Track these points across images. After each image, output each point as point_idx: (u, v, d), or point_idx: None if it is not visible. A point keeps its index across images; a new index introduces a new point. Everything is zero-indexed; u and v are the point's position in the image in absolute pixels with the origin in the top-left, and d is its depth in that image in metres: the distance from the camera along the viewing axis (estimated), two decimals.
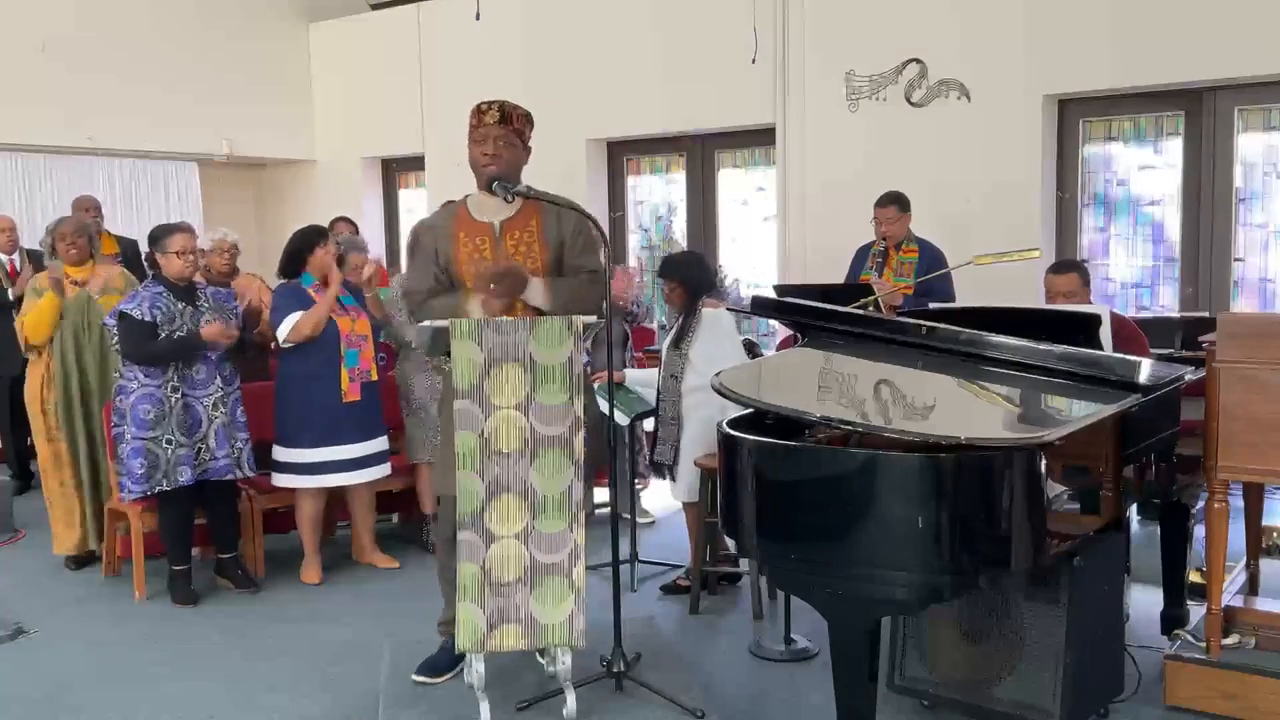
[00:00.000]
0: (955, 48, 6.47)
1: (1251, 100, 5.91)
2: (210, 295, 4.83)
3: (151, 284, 4.73)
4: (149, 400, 4.56)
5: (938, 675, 3.41)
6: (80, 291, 5.18)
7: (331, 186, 9.67)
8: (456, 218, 3.72)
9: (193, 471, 4.60)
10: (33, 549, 5.56)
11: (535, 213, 3.70)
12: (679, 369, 4.51)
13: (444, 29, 8.70)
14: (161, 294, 4.64)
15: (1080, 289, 4.20)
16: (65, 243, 5.21)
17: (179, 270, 4.66)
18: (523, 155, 3.69)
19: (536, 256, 3.66)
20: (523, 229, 3.68)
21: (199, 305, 4.71)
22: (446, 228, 3.71)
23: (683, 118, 7.60)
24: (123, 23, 8.48)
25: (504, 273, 3.52)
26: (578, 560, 3.47)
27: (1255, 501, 4.05)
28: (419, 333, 3.46)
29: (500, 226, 3.67)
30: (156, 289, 4.66)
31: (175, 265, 4.65)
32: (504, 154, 3.60)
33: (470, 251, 3.64)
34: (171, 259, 4.64)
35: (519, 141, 3.65)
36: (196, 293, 4.76)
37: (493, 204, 3.66)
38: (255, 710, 3.73)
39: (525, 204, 3.69)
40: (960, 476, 2.68)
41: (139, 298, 4.63)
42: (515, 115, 3.65)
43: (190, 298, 4.71)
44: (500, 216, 3.68)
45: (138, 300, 4.61)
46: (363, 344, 4.89)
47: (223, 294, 4.95)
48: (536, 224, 3.69)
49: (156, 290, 4.65)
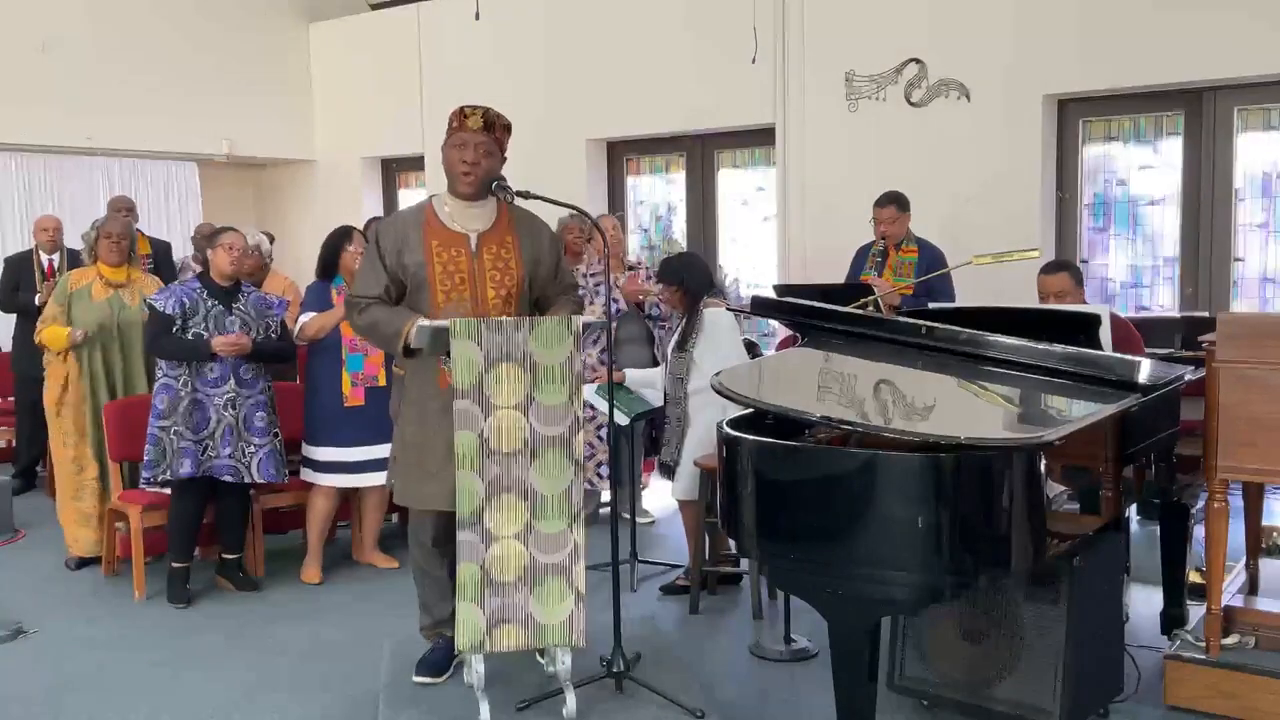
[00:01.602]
0: (955, 48, 6.47)
1: (1251, 100, 5.91)
2: (253, 301, 4.80)
3: (192, 279, 4.82)
4: (166, 390, 4.62)
5: (937, 675, 3.41)
6: (114, 294, 5.19)
7: (331, 186, 9.67)
8: (426, 224, 3.60)
9: (194, 465, 4.60)
10: (33, 549, 5.56)
11: (511, 227, 3.65)
12: (683, 370, 4.51)
13: (444, 29, 8.70)
14: (195, 289, 4.69)
15: (1073, 289, 4.21)
16: (111, 241, 5.19)
17: (224, 265, 4.70)
18: (499, 165, 3.62)
19: (513, 272, 3.61)
20: (499, 244, 3.61)
21: (234, 307, 4.71)
22: (415, 233, 3.58)
23: (683, 118, 7.59)
24: (123, 22, 8.47)
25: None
26: (577, 560, 3.47)
27: (1255, 501, 4.05)
28: (418, 332, 3.45)
29: (477, 239, 3.60)
30: (193, 284, 4.73)
31: (221, 259, 4.70)
32: (483, 162, 3.54)
33: (445, 262, 3.55)
34: (219, 253, 4.70)
35: (498, 150, 3.59)
36: (238, 294, 4.77)
37: (469, 212, 3.60)
38: (255, 710, 3.73)
39: (501, 215, 3.65)
40: (960, 477, 2.68)
41: (170, 290, 4.74)
42: (498, 124, 3.58)
43: (228, 298, 4.72)
44: (476, 227, 3.61)
45: (168, 294, 4.72)
46: (369, 349, 4.86)
47: (266, 300, 4.89)
48: (513, 240, 3.63)
49: (192, 285, 4.73)
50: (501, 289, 3.60)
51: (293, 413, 5.00)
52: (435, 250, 3.57)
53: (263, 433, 4.72)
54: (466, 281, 3.57)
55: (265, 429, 4.73)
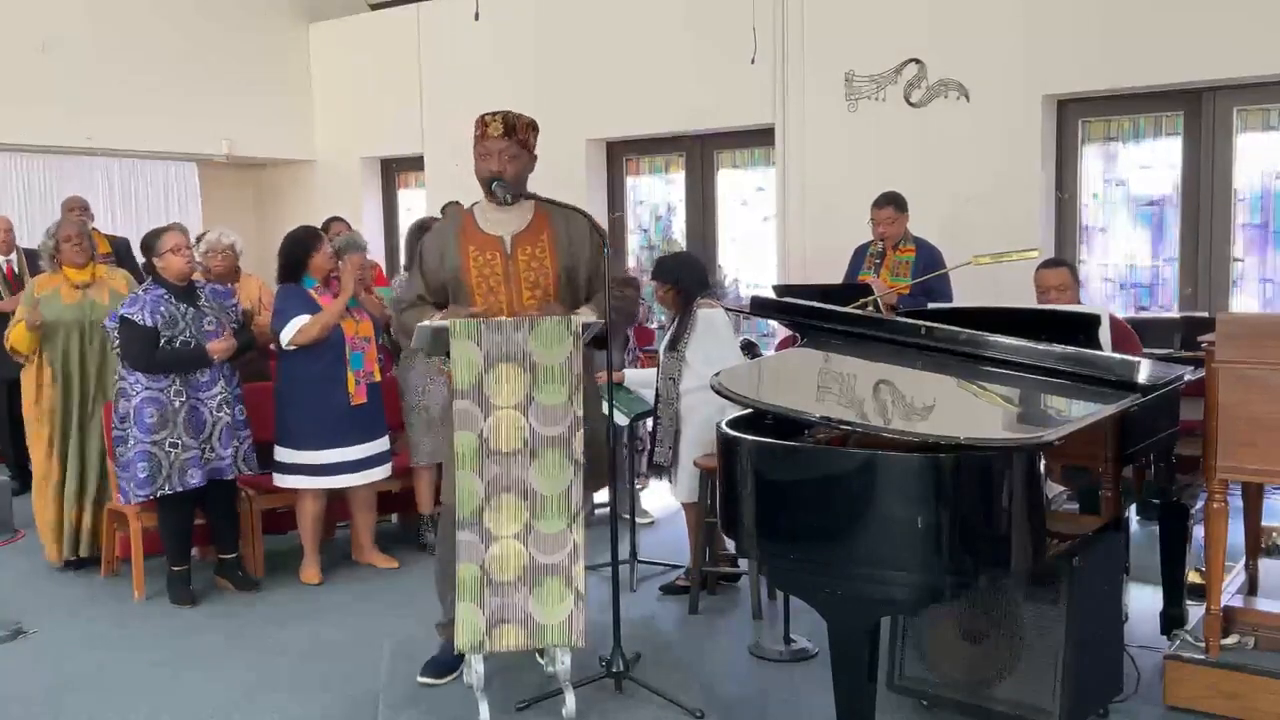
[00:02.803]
0: (954, 48, 6.47)
1: (1251, 100, 5.91)
2: (210, 295, 4.82)
3: (152, 287, 4.70)
4: (153, 404, 4.56)
5: (937, 675, 3.41)
6: (83, 296, 5.15)
7: (331, 186, 9.67)
8: (464, 231, 3.67)
9: (202, 473, 4.61)
10: (33, 549, 5.55)
11: (545, 225, 3.66)
12: (675, 371, 4.50)
13: (444, 29, 8.70)
14: (163, 296, 4.63)
15: (1071, 284, 4.33)
16: (71, 244, 5.13)
17: (178, 268, 4.65)
18: (529, 164, 3.65)
19: (548, 271, 3.63)
20: (533, 243, 3.64)
21: (201, 306, 4.71)
22: (454, 241, 3.66)
23: (682, 118, 7.59)
24: (122, 22, 8.47)
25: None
26: (577, 560, 3.47)
27: (1254, 501, 4.05)
28: (418, 333, 3.46)
29: (511, 241, 3.63)
30: (157, 292, 4.65)
31: (174, 263, 4.64)
32: (509, 168, 3.56)
33: (480, 266, 3.60)
34: (168, 258, 4.64)
35: (524, 151, 3.61)
36: (196, 292, 4.76)
37: (503, 217, 3.64)
38: (255, 710, 3.73)
39: (535, 216, 3.66)
40: (960, 477, 2.68)
41: (140, 302, 4.61)
42: (520, 125, 3.59)
43: (191, 298, 4.71)
44: (510, 230, 3.64)
45: (139, 304, 4.60)
46: (366, 346, 4.89)
47: (221, 292, 4.93)
48: (548, 237, 3.65)
49: (157, 294, 4.65)
50: (537, 289, 3.62)
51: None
52: (471, 255, 3.62)
53: (244, 425, 4.81)
54: (501, 283, 3.60)
55: (244, 421, 4.82)
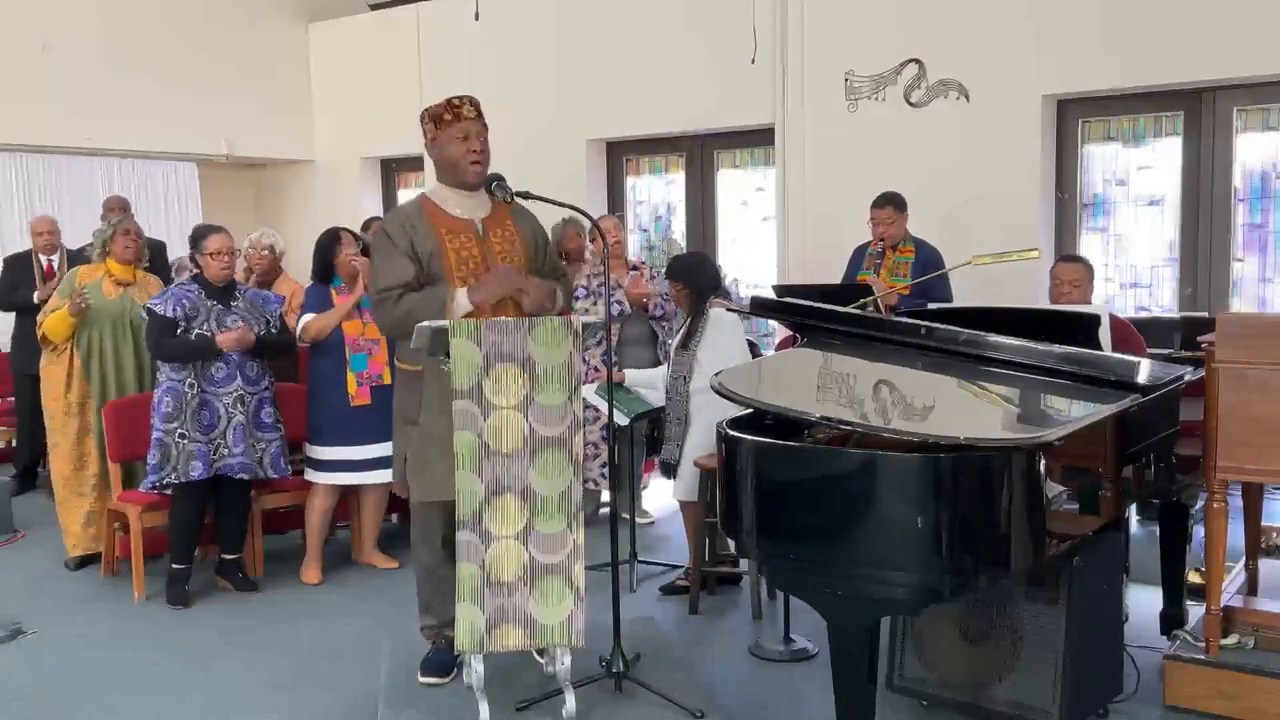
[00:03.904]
0: (955, 48, 6.47)
1: (1251, 100, 5.91)
2: (248, 297, 4.85)
3: (187, 281, 4.81)
4: (171, 394, 4.63)
5: (937, 675, 3.41)
6: (123, 294, 5.18)
7: (331, 186, 9.66)
8: (430, 215, 3.68)
9: (206, 466, 4.61)
10: (32, 549, 5.56)
11: (507, 212, 3.77)
12: (687, 370, 4.51)
13: (444, 29, 8.70)
14: (192, 290, 4.70)
15: (1085, 281, 4.39)
16: (129, 237, 5.20)
17: (215, 273, 4.72)
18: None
19: (520, 254, 3.74)
20: (502, 227, 3.75)
21: (232, 305, 4.74)
22: (423, 225, 3.65)
23: (682, 118, 7.59)
24: (123, 23, 8.46)
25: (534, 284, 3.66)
26: (577, 560, 3.47)
27: (1254, 501, 4.05)
28: (417, 333, 3.44)
29: (482, 224, 3.72)
30: (189, 286, 4.73)
31: (211, 267, 4.72)
32: (487, 149, 3.66)
33: (457, 249, 3.65)
34: (208, 261, 4.72)
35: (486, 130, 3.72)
36: (234, 292, 4.80)
37: (470, 202, 3.71)
38: (255, 710, 3.73)
39: (495, 204, 3.75)
40: (959, 477, 2.68)
41: (168, 293, 4.74)
42: (479, 106, 3.71)
43: (224, 297, 4.74)
44: (479, 214, 3.73)
45: (165, 296, 4.72)
46: (373, 348, 4.87)
47: (263, 296, 4.96)
48: (513, 225, 3.78)
49: (188, 287, 4.73)
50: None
51: (295, 412, 5.00)
52: (446, 238, 3.65)
53: (271, 428, 4.81)
54: (480, 265, 3.64)
55: (273, 424, 4.82)
